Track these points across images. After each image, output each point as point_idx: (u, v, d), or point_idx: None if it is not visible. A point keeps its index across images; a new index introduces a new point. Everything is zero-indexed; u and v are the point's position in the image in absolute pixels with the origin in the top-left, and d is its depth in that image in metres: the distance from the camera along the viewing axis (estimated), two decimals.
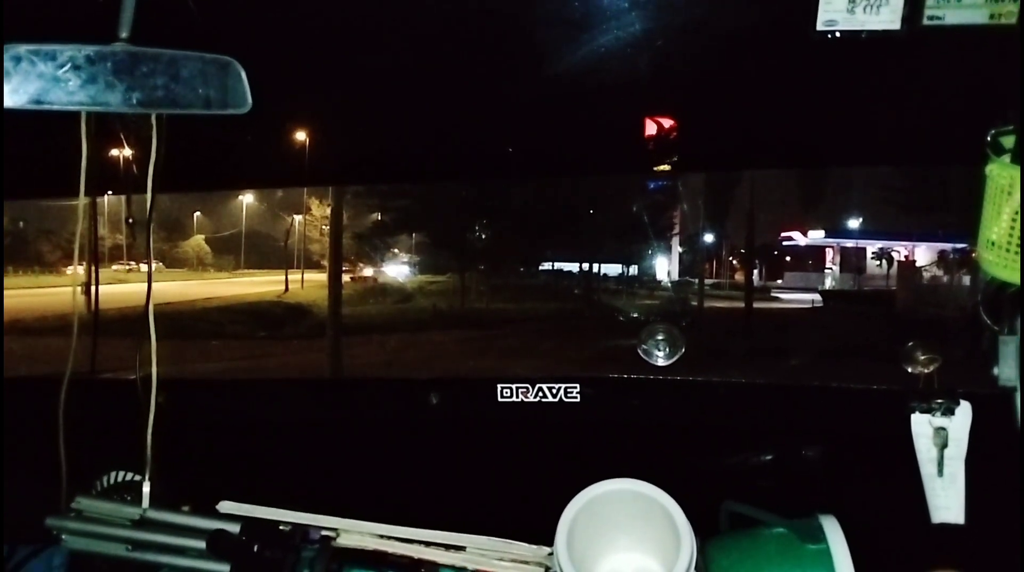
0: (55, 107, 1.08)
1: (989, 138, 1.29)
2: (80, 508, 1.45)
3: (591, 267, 28.09)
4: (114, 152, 1.52)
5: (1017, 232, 1.25)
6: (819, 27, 1.27)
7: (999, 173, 1.26)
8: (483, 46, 1.52)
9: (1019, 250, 1.25)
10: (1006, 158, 1.26)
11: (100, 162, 1.35)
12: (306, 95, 1.62)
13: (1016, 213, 1.24)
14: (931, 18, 1.23)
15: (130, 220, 1.48)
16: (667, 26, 1.47)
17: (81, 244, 1.48)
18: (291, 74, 1.52)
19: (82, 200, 1.31)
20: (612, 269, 30.25)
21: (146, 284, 1.42)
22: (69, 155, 1.25)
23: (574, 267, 29.43)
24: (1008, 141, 1.27)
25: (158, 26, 1.12)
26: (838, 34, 1.27)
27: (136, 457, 1.44)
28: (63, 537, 1.43)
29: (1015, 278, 1.28)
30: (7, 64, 1.04)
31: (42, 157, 1.63)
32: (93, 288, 1.69)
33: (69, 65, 1.07)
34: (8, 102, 1.05)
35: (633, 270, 30.27)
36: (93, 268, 1.72)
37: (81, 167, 1.26)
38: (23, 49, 1.05)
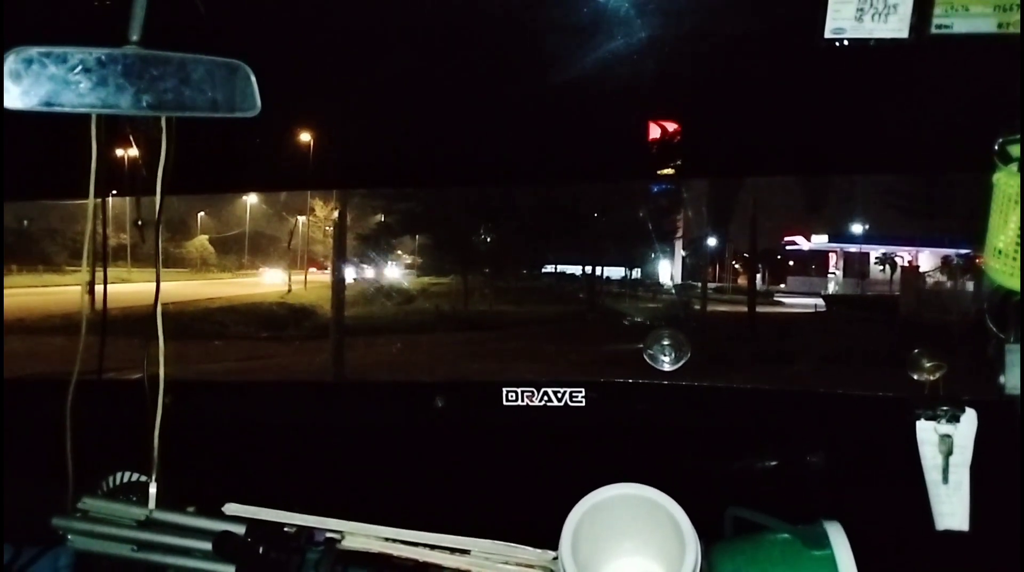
0: (65, 109, 1.09)
1: (997, 147, 1.29)
2: (86, 508, 1.46)
3: (594, 271, 28.08)
4: (123, 154, 1.52)
5: None
6: (827, 35, 1.27)
7: (1006, 182, 1.26)
8: (489, 51, 1.53)
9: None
10: (1013, 167, 1.27)
11: (109, 164, 1.35)
12: (315, 98, 1.63)
13: None
14: (939, 27, 1.23)
15: (139, 222, 1.49)
16: (674, 33, 1.47)
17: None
18: (300, 77, 1.52)
19: (91, 202, 1.32)
20: (615, 273, 30.25)
21: (154, 284, 1.43)
22: (79, 157, 1.25)
23: (577, 270, 29.42)
24: (1016, 150, 1.27)
25: (168, 29, 1.12)
26: (846, 42, 1.27)
27: (142, 458, 1.44)
28: (69, 537, 1.43)
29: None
30: (19, 66, 1.05)
31: (52, 159, 1.64)
32: (100, 288, 1.69)
33: (80, 68, 1.08)
34: (19, 104, 1.06)
35: (636, 274, 30.28)
36: (101, 269, 1.71)
37: (91, 169, 1.27)
38: (34, 51, 1.06)
